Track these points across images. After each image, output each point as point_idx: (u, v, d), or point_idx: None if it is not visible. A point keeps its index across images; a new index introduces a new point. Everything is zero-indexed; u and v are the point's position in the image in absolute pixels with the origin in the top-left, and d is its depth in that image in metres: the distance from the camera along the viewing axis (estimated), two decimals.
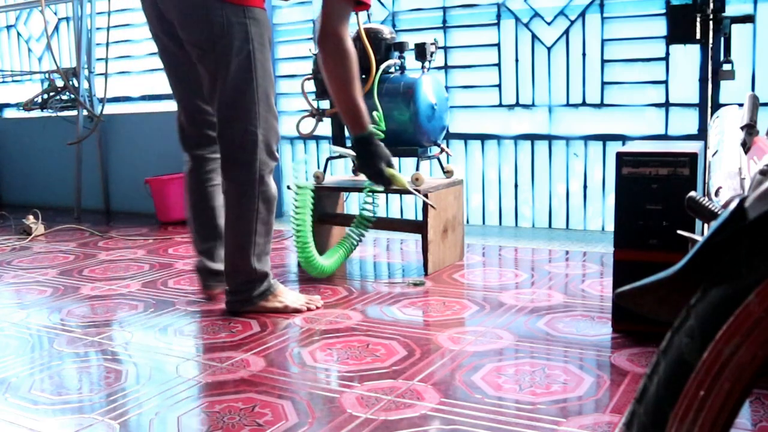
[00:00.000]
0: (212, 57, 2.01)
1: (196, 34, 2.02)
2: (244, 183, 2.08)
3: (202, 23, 1.98)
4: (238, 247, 2.13)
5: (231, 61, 2.00)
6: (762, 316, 0.54)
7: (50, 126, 4.68)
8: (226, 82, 2.03)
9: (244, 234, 2.12)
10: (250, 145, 2.06)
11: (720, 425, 0.55)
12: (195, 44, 2.04)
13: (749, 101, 1.00)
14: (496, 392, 1.55)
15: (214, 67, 2.03)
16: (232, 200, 2.12)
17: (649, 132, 3.14)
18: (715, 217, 0.69)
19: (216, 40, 1.99)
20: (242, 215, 2.11)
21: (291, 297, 2.23)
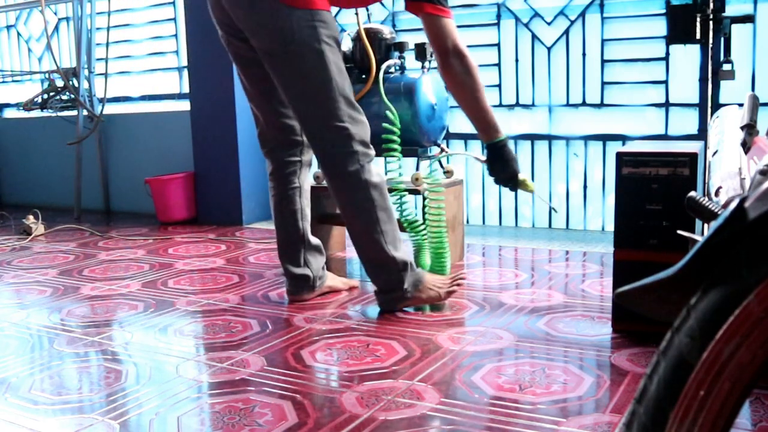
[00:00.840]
0: (285, 62, 2.01)
1: (266, 41, 2.01)
2: (348, 176, 2.05)
3: (272, 30, 1.98)
4: (369, 240, 2.09)
5: (305, 64, 2.00)
6: (762, 316, 0.54)
7: (50, 126, 4.68)
8: (303, 86, 2.03)
9: (369, 225, 2.08)
10: (341, 139, 2.04)
11: (720, 425, 0.55)
12: (266, 51, 2.03)
13: (749, 101, 1.00)
14: (496, 392, 1.55)
15: (289, 71, 2.02)
16: (344, 197, 2.10)
17: (649, 132, 3.14)
18: (715, 217, 0.69)
19: (286, 46, 1.98)
20: (359, 208, 2.08)
21: (438, 281, 2.18)
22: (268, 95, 2.20)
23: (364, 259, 2.16)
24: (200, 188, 3.97)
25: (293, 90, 2.06)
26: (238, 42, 2.13)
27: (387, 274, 2.13)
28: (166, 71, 4.42)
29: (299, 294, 2.30)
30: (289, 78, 2.04)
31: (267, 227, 3.75)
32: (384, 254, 2.10)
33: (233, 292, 2.47)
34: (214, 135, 3.86)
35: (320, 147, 2.09)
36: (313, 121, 2.07)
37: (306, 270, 2.29)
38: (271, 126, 2.25)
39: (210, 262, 2.94)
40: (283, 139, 2.26)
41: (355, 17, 2.76)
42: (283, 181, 2.28)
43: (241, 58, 2.18)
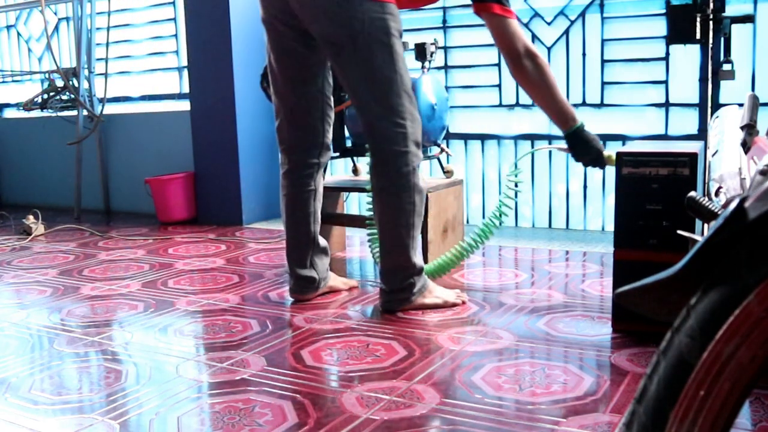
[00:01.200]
0: (352, 54, 1.97)
1: (336, 30, 1.96)
2: (399, 177, 2.04)
3: (343, 20, 1.94)
4: (399, 243, 2.09)
5: (374, 56, 1.97)
6: (762, 317, 0.54)
7: (50, 126, 4.68)
8: (371, 79, 1.99)
9: (404, 229, 2.08)
10: (400, 139, 2.03)
11: (720, 425, 0.55)
12: (331, 40, 1.99)
13: (749, 101, 1.00)
14: (496, 392, 1.55)
15: (355, 63, 1.99)
16: (389, 197, 2.07)
17: (649, 132, 3.14)
18: (715, 217, 0.69)
19: (356, 37, 1.94)
20: (401, 210, 2.07)
21: (445, 292, 2.20)
22: (300, 90, 2.15)
23: (386, 260, 2.14)
24: (200, 188, 3.97)
25: (357, 82, 2.02)
26: (283, 27, 2.07)
27: (402, 277, 2.13)
28: (166, 71, 4.43)
29: (303, 294, 2.30)
30: (354, 70, 2.00)
31: (267, 227, 3.75)
32: (407, 259, 2.10)
33: (233, 292, 2.47)
34: (214, 135, 3.86)
35: (376, 143, 2.06)
36: (374, 116, 2.03)
37: (312, 272, 2.28)
38: (293, 123, 2.21)
39: (210, 262, 2.95)
40: (303, 139, 2.22)
41: None
42: (298, 183, 2.24)
43: (281, 45, 2.11)
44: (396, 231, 2.09)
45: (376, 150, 2.07)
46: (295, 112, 2.19)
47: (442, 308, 2.16)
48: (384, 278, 2.17)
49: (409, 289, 2.14)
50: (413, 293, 2.14)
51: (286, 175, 2.26)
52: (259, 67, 3.90)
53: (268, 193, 4.01)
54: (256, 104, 3.88)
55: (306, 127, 2.21)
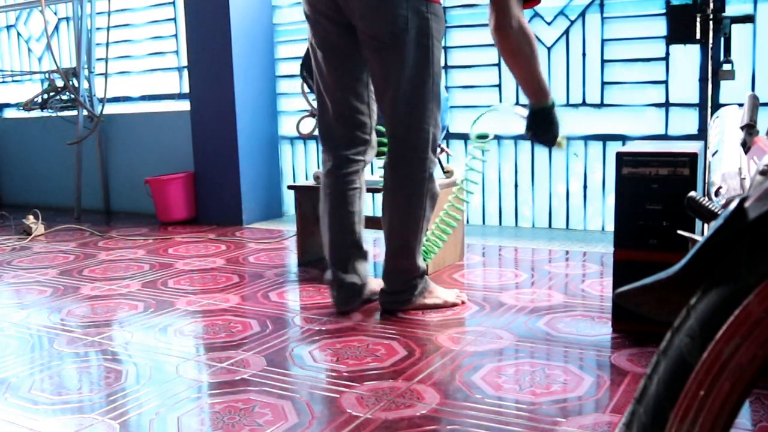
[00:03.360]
0: (393, 51, 1.95)
1: (379, 26, 1.94)
2: (415, 182, 2.04)
3: (388, 15, 1.92)
4: (406, 246, 2.08)
5: (411, 56, 1.95)
6: (762, 316, 0.54)
7: (50, 126, 4.68)
8: (403, 78, 1.97)
9: (413, 233, 2.07)
10: (423, 143, 2.02)
11: (720, 425, 0.55)
12: (375, 36, 1.96)
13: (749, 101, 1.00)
14: (496, 392, 1.55)
15: (392, 61, 1.96)
16: (401, 199, 2.06)
17: (649, 132, 3.14)
18: (715, 217, 0.69)
19: (399, 34, 1.92)
20: (411, 214, 2.06)
21: (444, 292, 2.20)
22: (347, 86, 2.11)
23: (392, 262, 2.12)
24: (200, 188, 3.97)
25: (389, 81, 1.99)
26: (330, 25, 2.04)
27: (405, 279, 2.13)
28: (166, 71, 4.43)
29: (348, 305, 2.17)
30: (389, 69, 1.97)
31: (267, 227, 3.75)
32: (412, 262, 2.10)
33: (233, 292, 2.47)
34: (214, 135, 3.86)
35: (399, 146, 2.04)
36: (400, 118, 2.01)
37: (355, 277, 2.16)
38: (340, 120, 2.15)
39: (210, 262, 2.95)
40: (351, 136, 2.16)
41: None
42: (343, 180, 2.17)
43: (328, 42, 2.07)
44: (404, 234, 2.08)
45: (396, 152, 2.05)
46: (342, 108, 2.13)
47: (442, 308, 2.16)
48: (386, 279, 2.16)
49: (410, 290, 2.13)
50: (414, 294, 2.14)
51: (330, 174, 2.18)
52: (259, 67, 3.91)
53: (268, 193, 4.01)
54: (256, 104, 3.88)
55: (353, 123, 2.15)
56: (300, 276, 2.70)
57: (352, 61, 2.08)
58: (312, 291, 2.45)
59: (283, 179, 4.11)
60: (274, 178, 4.04)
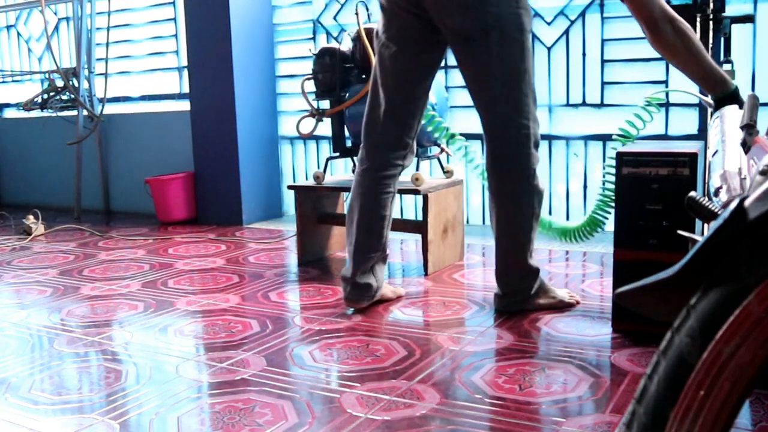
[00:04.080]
0: (484, 47, 1.91)
1: (468, 22, 1.91)
2: (521, 180, 2.01)
3: (477, 11, 1.89)
4: (518, 247, 2.06)
5: (506, 52, 1.92)
6: (762, 316, 0.54)
7: (50, 126, 4.68)
8: (500, 75, 1.93)
9: (524, 233, 2.05)
10: (524, 140, 1.98)
11: (720, 425, 0.55)
12: (464, 34, 1.93)
13: (749, 101, 1.00)
14: (496, 392, 1.55)
15: (485, 59, 1.93)
16: (508, 199, 2.03)
17: (649, 132, 3.13)
18: (715, 217, 0.69)
19: (489, 30, 1.89)
20: (521, 213, 2.03)
21: (559, 292, 2.17)
22: (409, 86, 2.08)
23: (504, 262, 2.10)
24: (200, 188, 3.97)
25: (485, 78, 1.95)
26: (410, 18, 2.00)
27: (518, 280, 2.10)
28: (166, 71, 4.43)
29: (358, 302, 2.18)
30: (485, 65, 1.94)
31: (267, 227, 3.75)
32: (525, 262, 2.08)
33: (233, 292, 2.47)
34: (214, 135, 3.86)
35: (498, 144, 2.01)
36: (499, 115, 1.98)
37: (371, 278, 2.17)
38: (392, 119, 2.11)
39: (210, 262, 2.95)
40: (396, 137, 2.14)
41: (355, 17, 2.77)
42: (378, 183, 2.15)
43: (402, 34, 2.03)
44: (515, 235, 2.06)
45: (499, 151, 2.01)
46: (397, 108, 2.10)
47: (558, 309, 2.12)
48: (500, 281, 2.12)
49: (526, 291, 2.10)
50: (530, 295, 2.10)
51: (365, 174, 2.16)
52: (259, 67, 3.91)
53: (268, 193, 4.01)
54: (256, 104, 3.88)
55: (403, 126, 2.13)
56: (300, 276, 2.70)
57: (423, 61, 2.06)
58: (312, 291, 2.45)
59: (283, 179, 4.11)
60: (274, 178, 4.04)
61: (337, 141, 2.99)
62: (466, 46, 1.95)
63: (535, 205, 2.05)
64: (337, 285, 2.52)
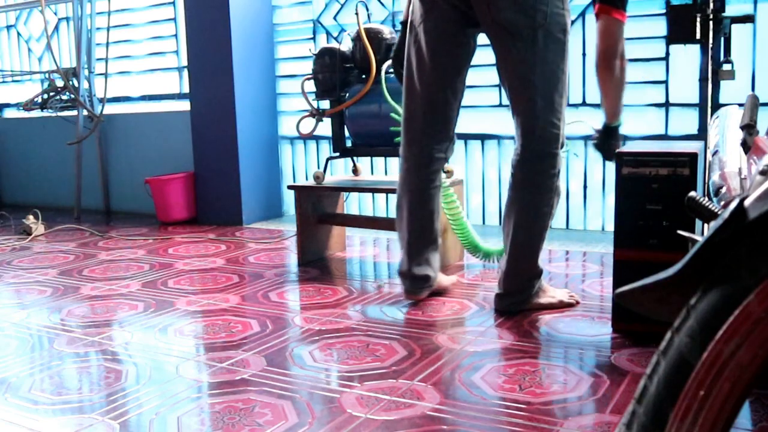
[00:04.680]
0: (529, 44, 1.93)
1: (516, 18, 1.92)
2: (546, 179, 2.02)
3: (527, 8, 1.91)
4: (530, 246, 2.06)
5: (549, 51, 1.94)
6: (762, 317, 0.54)
7: (50, 126, 4.68)
8: (541, 73, 1.96)
9: (539, 232, 2.05)
10: (553, 139, 2.00)
11: (720, 425, 0.55)
12: (511, 28, 1.94)
13: (749, 101, 1.00)
14: (496, 392, 1.55)
15: (529, 55, 1.94)
16: (531, 196, 2.03)
17: (649, 132, 3.13)
18: (715, 217, 0.69)
19: (537, 28, 1.92)
20: (539, 212, 2.04)
21: (558, 292, 2.17)
22: (448, 78, 2.09)
23: (512, 260, 2.09)
24: (200, 188, 3.97)
25: (527, 75, 1.97)
26: (450, 10, 2.01)
27: (523, 279, 2.10)
28: (166, 71, 4.43)
29: (418, 294, 2.23)
30: (527, 62, 1.95)
31: (267, 227, 3.75)
32: (534, 262, 2.08)
33: (233, 292, 2.47)
34: (214, 135, 3.86)
35: (531, 140, 2.02)
36: (535, 112, 1.99)
37: (428, 269, 2.20)
38: (432, 114, 2.13)
39: (210, 262, 2.95)
40: (438, 131, 2.15)
41: (355, 17, 2.77)
42: (426, 178, 2.16)
43: (441, 28, 2.04)
44: (529, 233, 2.06)
45: (529, 147, 2.02)
46: (436, 103, 2.12)
47: (556, 308, 2.12)
48: (506, 279, 2.11)
49: (527, 290, 2.10)
50: (531, 294, 2.11)
51: (411, 170, 2.18)
52: (259, 67, 3.91)
53: (268, 193, 4.01)
54: (256, 104, 3.88)
55: (444, 119, 2.15)
56: (300, 276, 2.70)
57: (462, 54, 2.08)
58: (312, 291, 2.45)
59: (283, 179, 4.11)
60: (274, 178, 4.04)
61: (337, 141, 2.99)
62: (510, 41, 1.96)
63: (554, 204, 2.07)
64: (338, 285, 2.52)
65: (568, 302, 2.15)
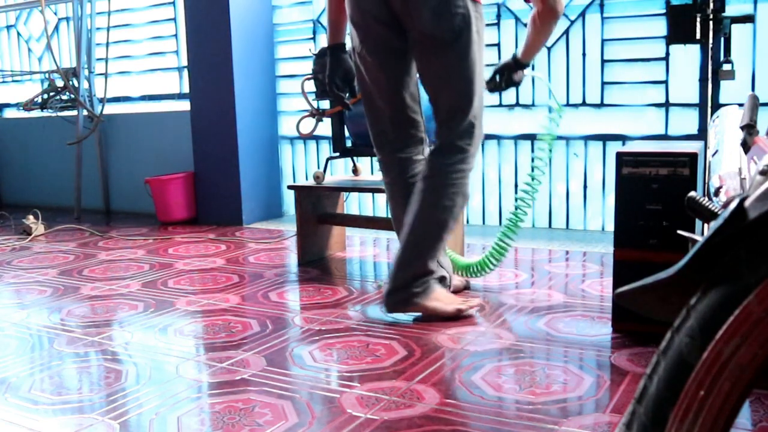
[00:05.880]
0: (453, 49, 1.99)
1: (441, 25, 1.97)
2: (455, 172, 2.04)
3: (446, 15, 1.97)
4: (423, 240, 2.05)
5: (468, 54, 2.00)
6: (762, 317, 0.54)
7: (50, 126, 4.68)
8: (460, 75, 2.01)
9: (436, 227, 2.05)
10: (469, 136, 2.05)
11: (720, 425, 0.55)
12: (435, 35, 1.99)
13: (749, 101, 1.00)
14: (496, 392, 1.55)
15: (450, 59, 2.01)
16: (436, 187, 2.05)
17: (649, 132, 3.14)
18: (715, 217, 0.69)
19: (460, 33, 1.98)
20: (440, 204, 2.04)
21: (450, 298, 2.15)
22: (404, 87, 2.13)
23: (403, 255, 2.08)
24: (200, 188, 3.97)
25: (447, 77, 2.03)
26: (384, 29, 2.06)
27: (410, 276, 2.07)
28: (166, 71, 4.43)
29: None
30: (448, 65, 2.02)
31: (267, 227, 3.75)
32: (425, 260, 2.06)
33: (233, 292, 2.47)
34: (214, 135, 3.86)
35: (448, 136, 2.06)
36: (454, 111, 2.04)
37: (442, 271, 2.16)
38: (397, 123, 2.17)
39: (210, 262, 2.95)
40: (408, 136, 2.18)
41: None
42: (409, 186, 2.16)
43: (383, 46, 2.09)
44: (426, 226, 2.06)
45: (446, 142, 2.06)
46: (399, 112, 2.16)
47: (445, 313, 2.07)
48: (395, 273, 2.10)
49: (410, 288, 2.07)
50: (416, 293, 2.08)
51: (394, 183, 2.21)
52: (259, 67, 3.91)
53: (268, 193, 4.01)
54: (256, 104, 3.88)
55: (412, 123, 2.18)
56: (300, 276, 2.70)
57: (405, 61, 2.12)
58: (312, 291, 2.45)
59: (283, 179, 4.11)
60: (274, 178, 4.04)
61: (337, 141, 2.99)
62: (433, 47, 2.02)
63: (458, 203, 2.06)
64: (338, 285, 2.52)
65: (458, 309, 2.09)
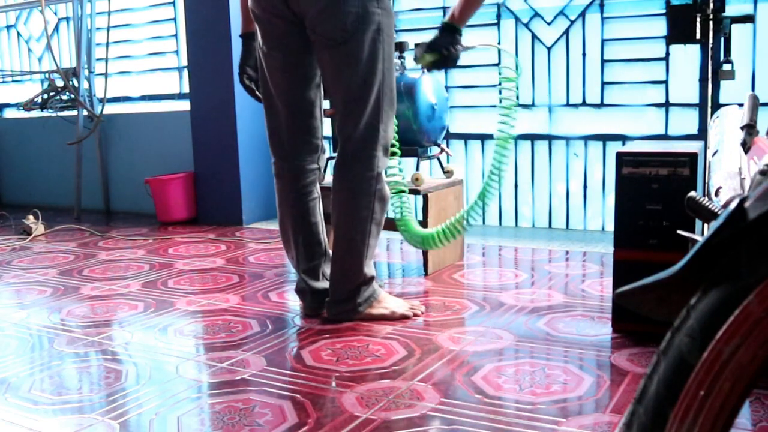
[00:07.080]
0: (345, 49, 1.93)
1: (332, 24, 1.91)
2: (362, 180, 2.00)
3: (340, 13, 1.90)
4: (352, 250, 2.03)
5: (363, 53, 1.93)
6: (762, 317, 0.54)
7: (50, 126, 4.68)
8: (355, 76, 1.95)
9: (359, 236, 2.02)
10: (370, 140, 1.99)
11: (720, 425, 0.55)
12: (327, 35, 1.93)
13: (749, 101, 1.00)
14: (496, 392, 1.55)
15: (344, 59, 1.94)
16: (347, 199, 2.02)
17: (649, 132, 3.14)
18: (715, 217, 0.69)
19: (352, 32, 1.91)
20: (358, 215, 2.01)
21: (395, 303, 2.13)
22: (300, 89, 2.07)
23: (337, 264, 2.07)
24: (200, 188, 3.97)
25: (341, 79, 1.97)
26: (283, 24, 1.99)
27: (349, 286, 2.05)
28: (166, 71, 4.43)
29: (319, 310, 2.14)
30: (340, 66, 1.95)
31: (267, 227, 3.75)
32: (359, 267, 2.04)
33: (233, 292, 2.47)
34: (214, 135, 3.86)
35: (346, 142, 2.01)
36: (350, 115, 1.99)
37: (325, 283, 2.14)
38: (293, 127, 2.10)
39: (210, 262, 2.95)
40: (304, 143, 2.12)
41: None
42: (303, 192, 2.14)
43: (281, 42, 2.01)
44: (349, 236, 2.03)
45: (345, 150, 2.02)
46: (296, 115, 2.09)
47: (390, 320, 2.07)
48: (332, 287, 2.08)
49: (354, 298, 2.05)
50: (359, 303, 2.06)
51: (286, 188, 2.16)
52: None
53: (268, 193, 4.01)
54: (255, 104, 3.87)
55: (308, 130, 2.12)
56: None
57: (304, 62, 2.04)
58: None
59: None
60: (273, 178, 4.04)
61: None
62: (327, 48, 1.95)
63: (376, 208, 2.03)
64: None
65: (403, 314, 2.08)
